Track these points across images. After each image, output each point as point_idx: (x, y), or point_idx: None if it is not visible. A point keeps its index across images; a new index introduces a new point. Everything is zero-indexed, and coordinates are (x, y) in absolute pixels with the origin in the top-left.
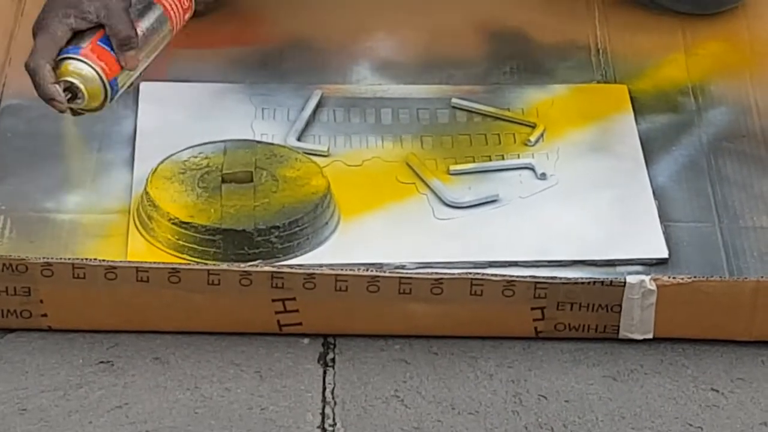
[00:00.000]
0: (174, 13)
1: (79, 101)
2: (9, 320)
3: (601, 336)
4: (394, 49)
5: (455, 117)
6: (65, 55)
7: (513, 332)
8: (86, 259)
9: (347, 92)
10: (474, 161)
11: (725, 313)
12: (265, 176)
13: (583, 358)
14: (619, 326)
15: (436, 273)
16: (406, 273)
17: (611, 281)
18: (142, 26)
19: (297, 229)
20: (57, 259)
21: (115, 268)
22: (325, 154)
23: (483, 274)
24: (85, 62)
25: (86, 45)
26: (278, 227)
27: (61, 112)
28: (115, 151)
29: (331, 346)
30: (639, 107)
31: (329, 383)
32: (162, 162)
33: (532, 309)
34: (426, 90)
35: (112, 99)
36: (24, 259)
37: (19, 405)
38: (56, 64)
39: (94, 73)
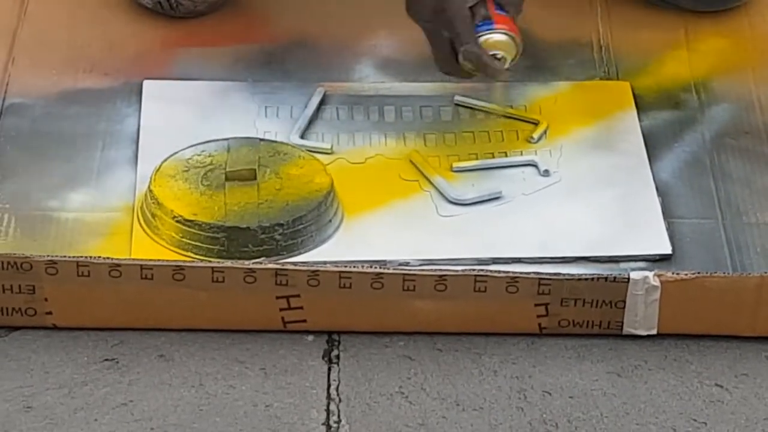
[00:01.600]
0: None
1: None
2: (13, 318)
3: (605, 332)
4: (396, 46)
5: (458, 114)
6: (481, 32)
7: (517, 328)
8: (90, 257)
9: (350, 90)
10: (477, 158)
11: (729, 309)
12: (269, 174)
13: (587, 354)
14: (623, 322)
15: (440, 270)
16: (410, 270)
17: (615, 277)
18: None
19: (301, 226)
20: (61, 257)
21: (119, 265)
22: (329, 151)
23: (487, 270)
24: (502, 32)
25: (493, 16)
26: (282, 225)
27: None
28: (118, 150)
29: (336, 343)
30: (642, 104)
31: (334, 380)
32: (165, 160)
33: (536, 305)
34: (429, 87)
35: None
36: (28, 257)
37: (24, 403)
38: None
39: (510, 40)
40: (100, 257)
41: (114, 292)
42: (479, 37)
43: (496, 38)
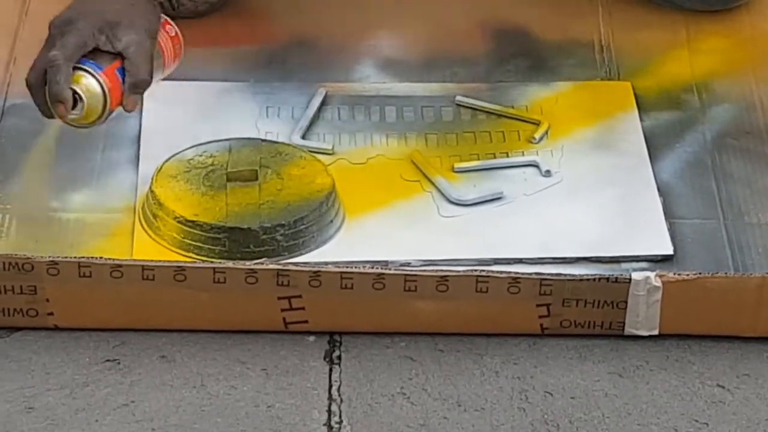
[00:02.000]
0: (167, 60)
1: (74, 113)
2: (15, 319)
3: (606, 332)
4: (398, 47)
5: (459, 115)
6: (84, 66)
7: (518, 329)
8: (92, 257)
9: (351, 90)
10: (478, 159)
11: (730, 309)
12: (270, 174)
13: (589, 355)
14: (624, 323)
15: (442, 270)
16: (412, 270)
17: (616, 278)
18: None
19: (302, 227)
20: (63, 257)
21: (120, 266)
22: (330, 152)
23: (488, 271)
24: (100, 83)
25: (106, 68)
26: (283, 225)
27: (49, 117)
28: (120, 150)
29: (337, 344)
30: (643, 104)
31: (335, 381)
32: (167, 160)
33: (538, 306)
34: (430, 88)
35: (95, 124)
36: (30, 258)
37: (25, 403)
38: (71, 69)
39: (102, 97)
40: (101, 258)
41: (115, 292)
42: (76, 67)
43: (89, 82)
